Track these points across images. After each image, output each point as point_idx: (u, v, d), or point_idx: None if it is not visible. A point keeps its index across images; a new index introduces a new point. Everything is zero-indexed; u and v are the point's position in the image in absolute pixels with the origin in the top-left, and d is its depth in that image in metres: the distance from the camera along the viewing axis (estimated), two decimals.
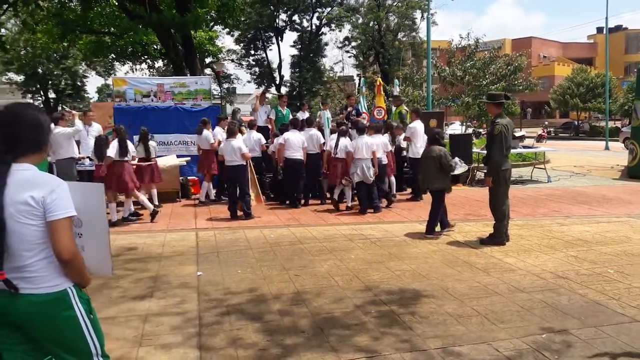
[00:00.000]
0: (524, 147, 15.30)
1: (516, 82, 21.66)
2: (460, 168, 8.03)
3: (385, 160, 9.65)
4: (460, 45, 22.10)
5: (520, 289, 4.89)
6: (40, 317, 2.12)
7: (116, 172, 8.17)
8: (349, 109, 12.55)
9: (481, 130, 24.55)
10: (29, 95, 39.97)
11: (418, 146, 10.24)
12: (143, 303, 4.70)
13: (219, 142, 9.77)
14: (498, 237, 6.65)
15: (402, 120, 11.92)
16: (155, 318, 4.33)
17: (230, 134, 8.70)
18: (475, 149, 13.59)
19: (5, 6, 15.86)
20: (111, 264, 2.41)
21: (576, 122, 45.69)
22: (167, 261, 6.13)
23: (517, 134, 13.46)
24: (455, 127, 30.16)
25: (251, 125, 10.55)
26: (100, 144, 8.45)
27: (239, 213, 8.65)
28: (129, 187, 8.28)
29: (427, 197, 10.28)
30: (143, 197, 8.64)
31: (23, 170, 2.09)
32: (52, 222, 2.05)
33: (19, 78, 39.05)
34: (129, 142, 8.46)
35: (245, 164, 8.56)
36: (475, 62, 20.75)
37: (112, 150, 8.23)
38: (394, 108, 12.76)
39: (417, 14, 41.40)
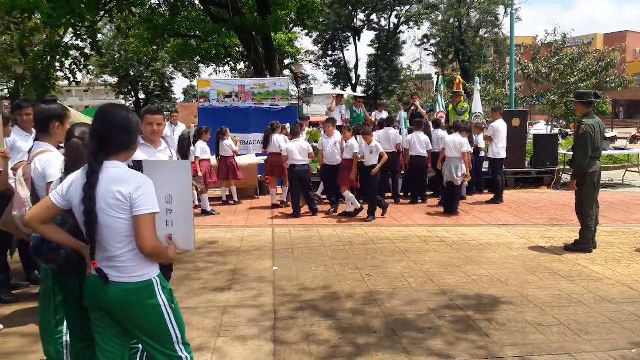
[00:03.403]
0: (616, 148, 14.31)
1: (608, 79, 20.28)
2: None
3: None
4: (545, 41, 21.03)
5: (607, 300, 4.60)
6: (127, 304, 2.29)
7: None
8: (412, 108, 12.32)
9: (568, 130, 23.25)
10: (122, 96, 42.77)
11: (499, 147, 9.90)
12: (222, 295, 4.91)
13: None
14: (585, 243, 6.28)
15: (458, 114, 11.57)
16: (233, 310, 4.51)
17: (295, 135, 8.91)
18: (561, 150, 12.93)
19: (102, 13, 17.13)
20: (194, 239, 2.53)
21: None
22: (245, 255, 6.35)
23: (608, 135, 12.63)
24: (539, 127, 28.75)
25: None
26: (183, 142, 8.98)
27: (303, 210, 8.88)
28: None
29: (507, 199, 9.94)
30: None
31: (113, 167, 2.26)
32: (137, 217, 2.20)
33: (113, 80, 41.92)
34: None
35: (308, 163, 8.84)
36: (562, 58, 19.67)
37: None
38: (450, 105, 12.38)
39: (500, 10, 39.99)
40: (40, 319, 3.24)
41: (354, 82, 43.05)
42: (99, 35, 21.58)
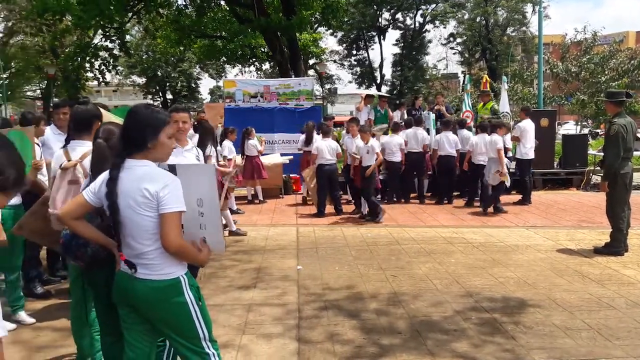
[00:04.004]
0: None
1: None
2: None
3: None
4: (575, 40, 20.60)
5: None
6: (155, 302, 2.32)
7: None
8: (436, 108, 12.20)
9: (598, 130, 22.73)
10: (150, 96, 43.38)
11: (527, 147, 9.75)
12: (247, 293, 4.95)
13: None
14: (616, 246, 6.13)
15: (494, 114, 11.42)
16: (258, 308, 4.55)
17: (325, 134, 8.91)
18: (591, 151, 12.66)
19: (130, 14, 17.47)
20: (224, 241, 2.55)
21: None
22: (270, 254, 6.40)
23: None
24: (568, 127, 28.18)
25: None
26: None
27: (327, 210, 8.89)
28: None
29: (535, 201, 9.77)
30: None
31: (141, 166, 2.29)
32: (163, 215, 2.22)
33: (141, 80, 42.59)
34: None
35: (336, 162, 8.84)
36: (593, 56, 19.23)
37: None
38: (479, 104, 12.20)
39: (528, 8, 39.30)
40: (73, 315, 3.34)
41: (378, 81, 42.85)
42: (127, 36, 22.00)
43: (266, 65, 32.38)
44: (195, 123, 8.44)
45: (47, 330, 4.10)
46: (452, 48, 45.28)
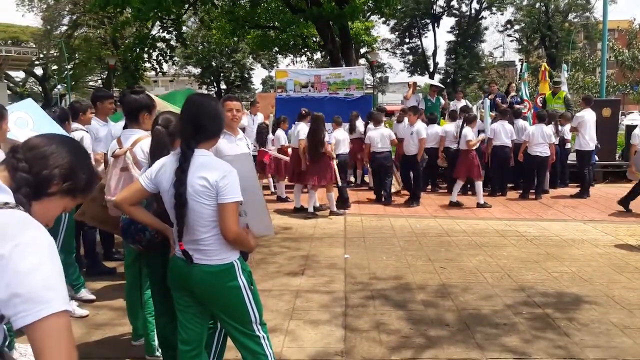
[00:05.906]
0: None
1: None
2: None
3: (547, 153, 8.98)
4: None
5: None
6: (210, 285, 2.40)
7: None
8: (490, 97, 11.79)
9: None
10: (204, 86, 44.42)
11: (587, 138, 9.33)
12: (295, 279, 5.03)
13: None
14: None
15: (569, 105, 10.95)
16: (306, 294, 4.61)
17: (377, 122, 8.86)
18: None
19: (186, 6, 17.88)
20: (272, 224, 2.59)
21: None
22: (318, 242, 6.45)
23: None
24: (633, 117, 26.71)
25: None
26: (261, 131, 9.28)
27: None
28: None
29: (594, 194, 9.35)
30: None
31: (202, 155, 2.35)
32: (222, 205, 2.28)
33: (197, 71, 43.64)
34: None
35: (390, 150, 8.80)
36: None
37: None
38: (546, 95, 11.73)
39: None
40: (128, 297, 3.50)
41: (431, 69, 42.06)
42: (184, 28, 22.52)
43: (317, 55, 32.40)
44: (303, 112, 8.98)
45: (105, 309, 4.32)
46: (509, 35, 43.99)
